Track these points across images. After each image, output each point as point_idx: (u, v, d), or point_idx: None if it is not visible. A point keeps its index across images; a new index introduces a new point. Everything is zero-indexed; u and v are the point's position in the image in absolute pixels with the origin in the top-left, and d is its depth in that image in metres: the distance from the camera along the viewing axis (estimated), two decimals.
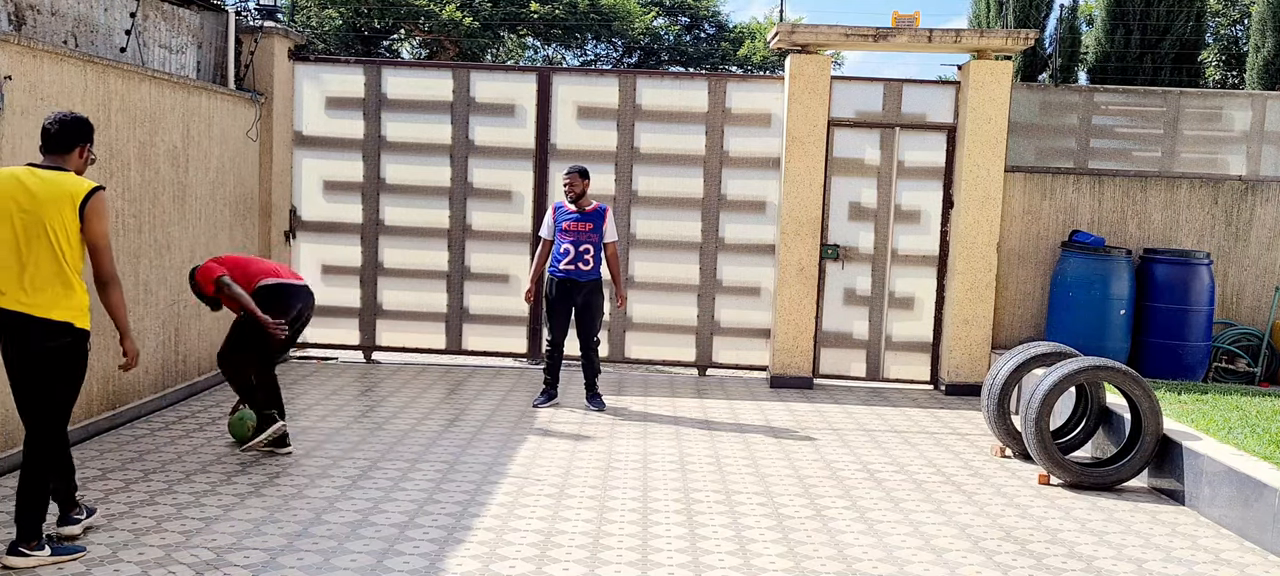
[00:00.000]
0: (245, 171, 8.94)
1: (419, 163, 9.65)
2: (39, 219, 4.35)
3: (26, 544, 4.39)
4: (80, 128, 4.55)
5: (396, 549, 4.83)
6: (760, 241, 9.58)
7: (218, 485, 5.70)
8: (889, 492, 6.10)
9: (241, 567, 4.53)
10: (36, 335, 4.37)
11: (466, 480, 5.99)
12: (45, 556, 4.42)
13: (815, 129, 9.16)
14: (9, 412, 5.73)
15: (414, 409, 7.82)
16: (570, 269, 7.85)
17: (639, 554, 4.90)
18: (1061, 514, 5.82)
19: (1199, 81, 14.80)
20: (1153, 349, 8.91)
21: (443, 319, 9.80)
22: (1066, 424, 7.04)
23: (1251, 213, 9.39)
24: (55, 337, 4.39)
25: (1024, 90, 9.62)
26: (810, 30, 9.08)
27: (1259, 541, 5.33)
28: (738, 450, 6.95)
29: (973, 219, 9.13)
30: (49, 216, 4.35)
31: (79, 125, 4.55)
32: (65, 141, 4.51)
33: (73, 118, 4.55)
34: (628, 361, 9.81)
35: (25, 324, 4.36)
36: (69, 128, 4.52)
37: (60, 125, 4.51)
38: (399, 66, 10.53)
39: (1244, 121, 9.55)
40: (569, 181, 7.89)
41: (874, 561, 4.93)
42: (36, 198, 4.36)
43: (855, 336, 9.54)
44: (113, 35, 7.39)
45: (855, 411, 8.39)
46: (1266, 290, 9.43)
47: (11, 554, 4.38)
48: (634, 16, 23.82)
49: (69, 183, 4.43)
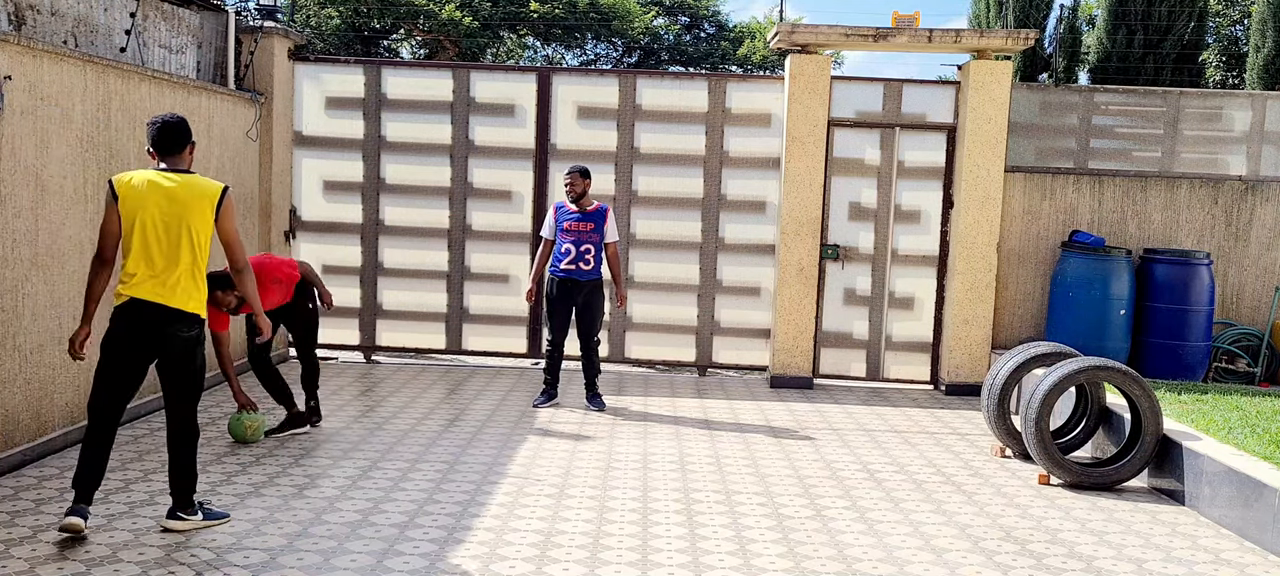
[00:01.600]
0: (245, 171, 8.94)
1: (419, 163, 9.65)
2: (181, 219, 4.74)
3: (183, 510, 4.95)
4: (186, 127, 4.92)
5: (396, 549, 4.83)
6: (760, 241, 9.58)
7: (218, 485, 5.70)
8: (889, 492, 6.10)
9: (241, 567, 4.53)
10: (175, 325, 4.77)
11: (466, 480, 5.99)
12: (198, 521, 4.98)
13: (815, 129, 9.16)
14: (9, 412, 5.73)
15: (414, 409, 7.82)
16: (571, 268, 7.85)
17: (639, 554, 4.90)
18: (1061, 514, 5.82)
19: (1199, 82, 14.80)
20: (1153, 349, 8.91)
21: (443, 319, 9.80)
22: (1066, 424, 7.04)
23: (1251, 213, 9.39)
24: (190, 327, 4.83)
25: (1024, 90, 9.62)
26: (810, 30, 9.08)
27: (1259, 541, 5.33)
28: (738, 450, 6.95)
29: (973, 219, 9.13)
30: (191, 216, 4.76)
31: (184, 124, 4.92)
32: (180, 142, 4.89)
33: (178, 119, 4.89)
34: (628, 361, 9.81)
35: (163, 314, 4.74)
36: (180, 129, 4.88)
37: (170, 127, 4.86)
38: (399, 66, 10.53)
39: (1244, 121, 9.55)
40: (570, 181, 7.89)
41: (874, 561, 4.93)
42: (177, 199, 4.75)
43: (855, 336, 9.54)
44: (113, 35, 7.39)
45: (855, 411, 8.38)
46: (1266, 290, 9.43)
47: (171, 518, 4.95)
48: (634, 16, 23.81)
49: (202, 183, 4.86)
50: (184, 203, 4.75)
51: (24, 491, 5.43)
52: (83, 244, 6.37)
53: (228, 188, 4.91)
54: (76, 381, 6.36)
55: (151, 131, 4.88)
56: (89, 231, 6.43)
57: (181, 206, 4.74)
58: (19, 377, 5.81)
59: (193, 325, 4.83)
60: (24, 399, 5.87)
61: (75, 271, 6.29)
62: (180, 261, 4.74)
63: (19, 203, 5.75)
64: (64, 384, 6.24)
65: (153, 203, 4.72)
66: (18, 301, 5.77)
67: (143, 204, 4.71)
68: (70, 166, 6.24)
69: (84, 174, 6.39)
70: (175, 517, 4.95)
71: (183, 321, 4.78)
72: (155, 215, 4.71)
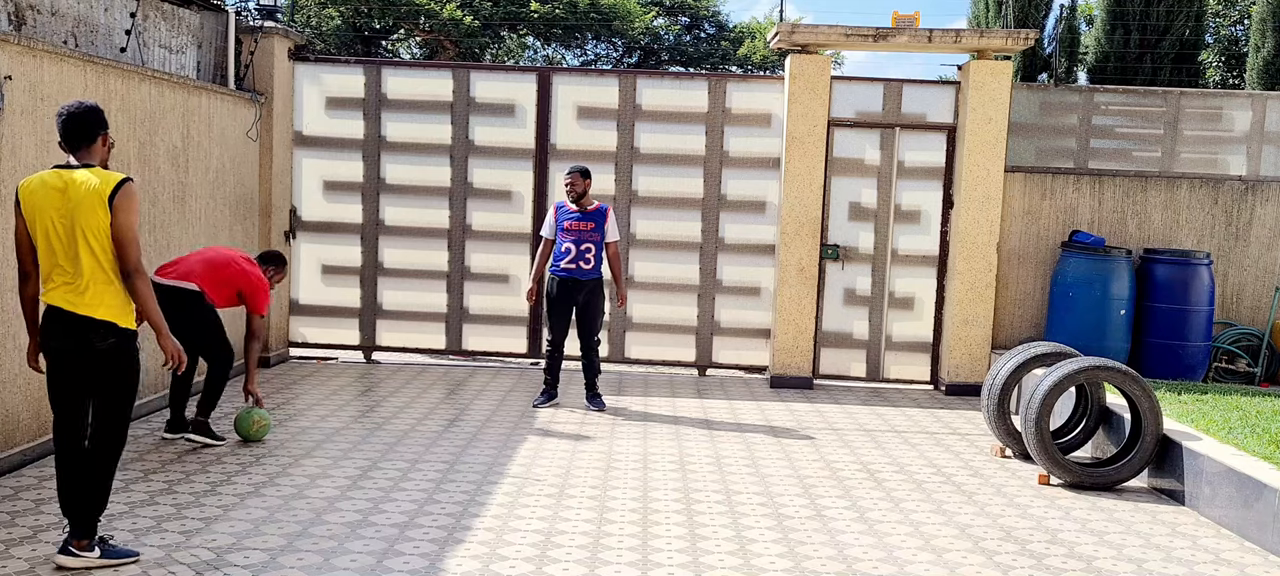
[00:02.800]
0: (245, 171, 8.94)
1: (419, 163, 9.65)
2: (73, 218, 4.30)
3: (77, 542, 4.41)
4: (96, 116, 4.46)
5: (396, 549, 4.83)
6: (760, 241, 9.58)
7: (218, 485, 5.70)
8: (889, 492, 6.10)
9: (241, 567, 4.53)
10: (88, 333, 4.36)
11: (466, 480, 5.99)
12: (94, 558, 4.43)
13: (815, 129, 9.16)
14: (9, 412, 5.73)
15: (414, 409, 7.82)
16: (571, 268, 7.85)
17: (639, 554, 4.90)
18: (1061, 514, 5.82)
19: (1199, 81, 14.80)
20: (1153, 349, 8.91)
21: (443, 319, 9.80)
22: (1066, 424, 7.04)
23: (1251, 213, 9.39)
24: (106, 336, 4.37)
25: (1024, 90, 9.62)
26: (810, 30, 9.08)
27: (1259, 541, 5.33)
28: (738, 450, 6.95)
29: (973, 219, 9.13)
30: (82, 215, 4.30)
31: (93, 113, 4.45)
32: (86, 132, 4.42)
33: (84, 107, 4.44)
34: (628, 361, 9.81)
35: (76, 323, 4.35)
36: (84, 120, 4.42)
37: (76, 117, 4.41)
38: (399, 66, 10.53)
39: (1244, 121, 9.55)
40: (571, 181, 7.89)
41: (874, 561, 4.93)
42: (69, 197, 4.31)
43: (855, 336, 9.54)
44: (113, 35, 7.39)
45: (855, 411, 8.38)
46: (1266, 290, 9.43)
47: (63, 552, 4.41)
48: (634, 16, 23.79)
49: (93, 179, 4.34)
50: (75, 202, 4.30)
51: (24, 491, 5.43)
52: None
53: (129, 179, 4.41)
54: None
55: (57, 122, 4.44)
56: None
57: (73, 205, 4.30)
58: (19, 377, 5.81)
59: (108, 334, 4.36)
60: (24, 399, 5.87)
61: None
62: (83, 266, 4.31)
63: None
64: None
65: (49, 205, 4.32)
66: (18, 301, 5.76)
67: (40, 208, 4.33)
68: None
69: None
70: (68, 551, 4.38)
71: (95, 330, 4.34)
72: (53, 217, 4.31)
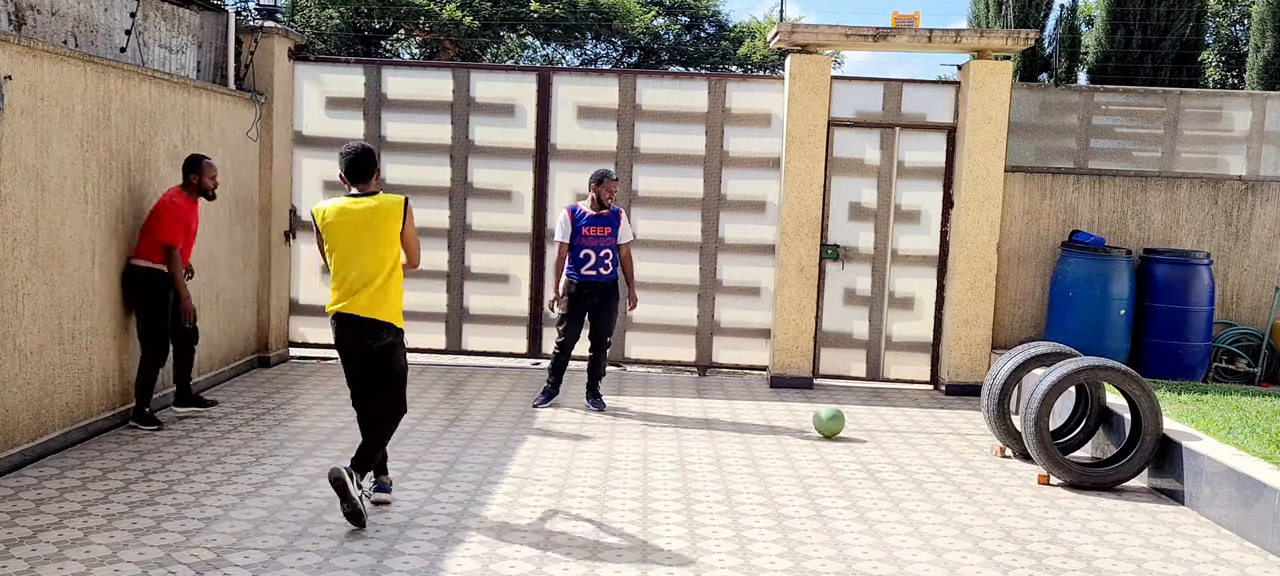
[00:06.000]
0: (245, 171, 8.94)
1: (419, 163, 9.65)
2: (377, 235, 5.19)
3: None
4: (374, 156, 5.36)
5: (396, 549, 4.83)
6: (760, 241, 9.58)
7: (218, 485, 5.70)
8: (889, 492, 6.10)
9: (241, 567, 4.53)
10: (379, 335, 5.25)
11: (466, 480, 5.99)
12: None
13: (815, 129, 9.16)
14: (9, 412, 5.73)
15: (414, 409, 7.81)
16: (592, 274, 7.81)
17: (639, 554, 4.90)
18: (1061, 514, 5.82)
19: (1199, 81, 14.80)
20: (1153, 349, 8.91)
21: (443, 319, 9.80)
22: (1066, 424, 7.04)
23: (1251, 213, 9.39)
24: (393, 335, 5.29)
25: (1024, 90, 9.63)
26: (810, 30, 9.08)
27: (1259, 541, 5.34)
28: (738, 450, 6.95)
29: (973, 219, 9.13)
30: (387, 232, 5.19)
31: (372, 155, 5.34)
32: (370, 170, 5.30)
33: (365, 149, 5.30)
34: (628, 361, 9.81)
35: (370, 327, 5.21)
36: (369, 159, 5.30)
37: (362, 158, 5.27)
38: (399, 66, 10.54)
39: (1244, 121, 9.56)
40: (608, 188, 7.76)
41: (874, 561, 4.93)
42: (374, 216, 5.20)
43: (855, 336, 9.54)
44: (113, 35, 7.39)
45: (855, 411, 8.38)
46: (1266, 290, 9.43)
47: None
48: (634, 16, 23.79)
49: (389, 202, 5.24)
50: (380, 218, 5.21)
51: (24, 491, 5.43)
52: (83, 244, 6.38)
53: (407, 197, 5.37)
54: (77, 381, 6.36)
55: (346, 160, 5.28)
56: (89, 231, 6.44)
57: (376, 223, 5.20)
58: (19, 377, 5.81)
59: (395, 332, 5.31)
60: (24, 399, 5.87)
61: (75, 271, 6.29)
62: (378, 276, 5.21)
63: (19, 203, 5.75)
64: (64, 384, 6.24)
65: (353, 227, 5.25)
66: (18, 301, 5.77)
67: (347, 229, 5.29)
68: (70, 166, 6.24)
69: (84, 174, 6.39)
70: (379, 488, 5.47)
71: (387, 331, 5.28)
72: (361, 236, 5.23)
